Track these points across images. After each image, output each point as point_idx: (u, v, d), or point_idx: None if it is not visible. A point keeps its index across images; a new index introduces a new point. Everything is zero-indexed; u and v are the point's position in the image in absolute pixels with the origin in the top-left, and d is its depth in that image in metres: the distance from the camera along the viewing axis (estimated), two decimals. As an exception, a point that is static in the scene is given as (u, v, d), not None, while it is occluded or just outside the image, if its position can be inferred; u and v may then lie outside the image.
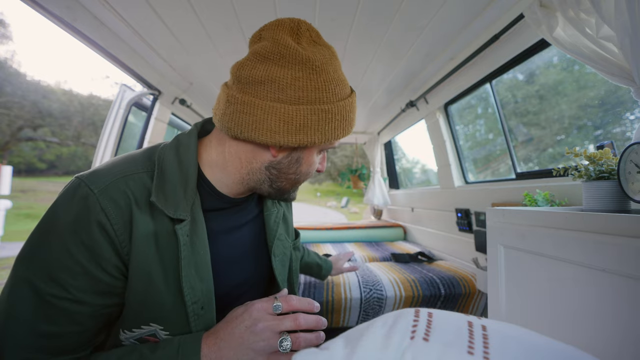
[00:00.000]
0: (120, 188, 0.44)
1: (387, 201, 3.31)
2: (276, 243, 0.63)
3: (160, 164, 0.48)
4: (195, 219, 0.49)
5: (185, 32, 1.40)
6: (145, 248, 0.44)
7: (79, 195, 0.42)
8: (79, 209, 0.41)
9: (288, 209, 0.74)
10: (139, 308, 0.45)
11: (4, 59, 28.77)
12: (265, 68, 0.44)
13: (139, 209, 0.45)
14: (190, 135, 0.53)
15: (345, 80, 0.51)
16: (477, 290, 1.58)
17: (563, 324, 0.72)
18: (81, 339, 0.43)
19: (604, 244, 0.62)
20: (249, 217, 0.61)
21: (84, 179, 0.43)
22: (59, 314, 0.40)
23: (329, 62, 0.47)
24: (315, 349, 0.30)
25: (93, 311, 0.42)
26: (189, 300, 0.46)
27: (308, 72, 0.45)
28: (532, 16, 1.05)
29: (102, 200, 0.42)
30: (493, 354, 0.23)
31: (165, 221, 0.46)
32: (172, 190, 0.47)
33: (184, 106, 2.14)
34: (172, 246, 0.46)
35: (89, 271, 0.41)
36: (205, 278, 0.49)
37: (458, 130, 2.08)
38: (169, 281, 0.45)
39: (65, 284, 0.40)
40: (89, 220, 0.41)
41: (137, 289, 0.44)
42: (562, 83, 1.43)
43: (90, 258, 0.41)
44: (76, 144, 24.24)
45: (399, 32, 1.41)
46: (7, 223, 4.99)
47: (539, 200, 1.11)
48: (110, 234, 0.42)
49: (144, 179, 0.47)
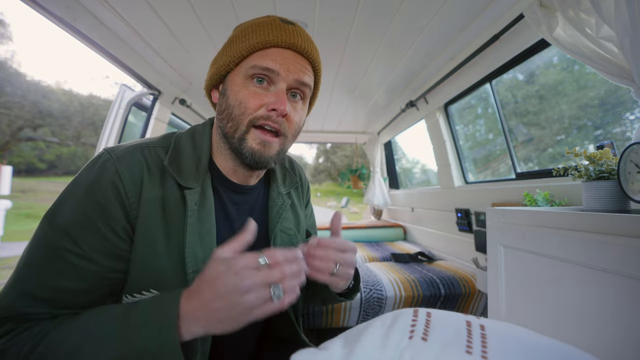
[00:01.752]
0: (136, 155, 0.49)
1: (387, 201, 3.31)
2: (279, 235, 0.62)
3: (176, 143, 0.54)
4: (205, 192, 0.52)
5: (185, 32, 1.40)
6: (151, 212, 0.47)
7: (101, 160, 0.47)
8: (98, 171, 0.46)
9: (302, 205, 0.73)
10: (140, 273, 0.46)
11: (4, 59, 28.81)
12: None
13: (150, 174, 0.49)
14: (205, 125, 0.59)
15: (264, 19, 0.54)
16: (477, 290, 1.58)
17: (563, 324, 0.72)
18: (87, 299, 0.44)
19: (604, 244, 0.62)
20: (255, 206, 0.62)
21: (108, 148, 0.49)
22: (69, 268, 0.42)
23: (249, 20, 0.55)
24: (314, 348, 0.30)
25: (100, 271, 0.44)
26: (189, 268, 0.47)
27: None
28: (532, 16, 1.05)
29: (118, 164, 0.47)
30: (491, 353, 0.22)
31: (174, 188, 0.50)
32: (185, 163, 0.52)
33: (184, 106, 2.14)
34: (180, 213, 0.49)
35: (100, 230, 0.44)
36: (209, 248, 0.50)
37: (458, 130, 2.08)
38: (171, 247, 0.47)
39: (77, 240, 0.43)
40: (105, 181, 0.45)
41: (141, 253, 0.46)
42: (562, 83, 1.43)
43: (102, 217, 0.44)
44: (76, 144, 24.27)
45: (399, 32, 1.41)
46: (7, 223, 5.00)
47: (539, 200, 1.11)
48: (122, 196, 0.45)
49: (159, 151, 0.52)
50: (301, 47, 0.51)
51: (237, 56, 0.51)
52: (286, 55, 0.51)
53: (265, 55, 0.50)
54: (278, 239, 0.62)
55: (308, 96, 0.56)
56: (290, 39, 0.51)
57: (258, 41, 0.50)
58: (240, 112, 0.50)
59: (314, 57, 0.54)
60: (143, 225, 0.46)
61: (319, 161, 38.43)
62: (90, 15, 1.18)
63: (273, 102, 0.49)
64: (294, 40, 0.51)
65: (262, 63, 0.49)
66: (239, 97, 0.50)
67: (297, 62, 0.52)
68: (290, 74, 0.51)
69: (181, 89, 2.03)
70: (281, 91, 0.50)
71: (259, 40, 0.50)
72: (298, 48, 0.51)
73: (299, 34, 0.52)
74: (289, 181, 0.70)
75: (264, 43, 0.50)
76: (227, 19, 1.30)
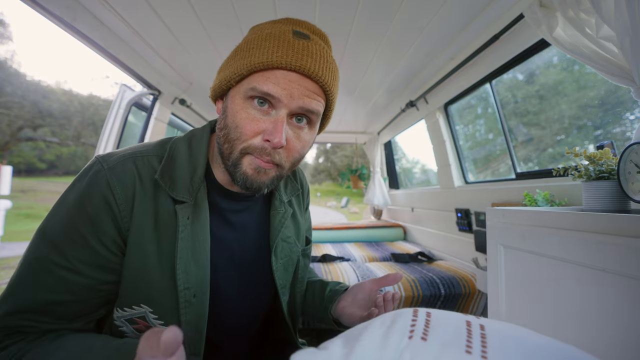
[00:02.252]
0: (128, 166, 0.47)
1: (387, 201, 3.31)
2: (281, 244, 0.61)
3: (171, 151, 0.51)
4: (199, 205, 0.50)
5: (185, 32, 1.40)
6: (144, 225, 0.45)
7: (92, 170, 0.46)
8: (89, 182, 0.44)
9: (302, 212, 0.72)
10: (132, 287, 0.45)
11: (4, 59, 28.79)
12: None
13: (142, 186, 0.47)
14: (204, 129, 0.56)
15: (277, 27, 0.48)
16: (477, 290, 1.58)
17: (563, 324, 0.72)
18: (78, 309, 0.44)
19: (604, 244, 0.62)
20: (255, 215, 0.60)
21: (100, 157, 0.47)
22: (58, 282, 0.42)
23: (265, 23, 0.51)
24: (313, 348, 0.30)
25: (90, 284, 0.43)
26: (181, 285, 0.45)
27: (250, 31, 0.52)
28: (532, 16, 1.05)
29: (109, 175, 0.45)
30: (491, 353, 0.22)
31: (167, 202, 0.48)
32: (179, 174, 0.49)
33: (184, 106, 2.14)
34: (172, 228, 0.47)
35: (89, 243, 0.43)
36: (201, 264, 0.48)
37: (458, 130, 2.08)
38: (163, 263, 0.46)
39: (66, 253, 0.42)
40: (96, 194, 0.43)
41: (132, 267, 0.45)
42: (562, 83, 1.43)
43: (92, 231, 0.43)
44: (76, 144, 24.26)
45: (399, 32, 1.41)
46: (7, 223, 5.00)
47: (539, 200, 1.11)
48: (113, 209, 0.44)
49: (152, 161, 0.49)
50: (309, 70, 0.44)
51: (237, 74, 0.46)
52: (291, 79, 0.44)
53: (267, 78, 0.44)
54: (279, 248, 0.61)
55: (316, 122, 0.50)
56: (297, 61, 0.43)
57: (260, 61, 0.43)
58: (236, 136, 0.45)
59: (325, 81, 0.46)
60: (135, 239, 0.45)
61: (318, 161, 38.47)
62: (90, 15, 1.18)
63: (269, 132, 0.44)
64: (302, 62, 0.44)
65: (262, 87, 0.43)
66: (236, 120, 0.45)
67: (303, 87, 0.45)
68: (293, 100, 0.44)
69: (181, 89, 2.03)
70: (280, 120, 0.44)
71: (261, 60, 0.43)
72: (306, 71, 0.44)
73: (310, 53, 0.45)
74: (291, 188, 0.68)
75: (266, 64, 0.43)
76: (227, 19, 1.30)
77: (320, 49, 0.47)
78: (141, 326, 0.47)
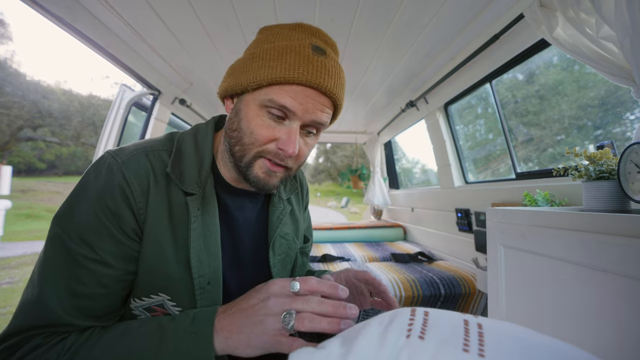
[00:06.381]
0: (141, 160, 0.50)
1: (387, 201, 3.31)
2: (278, 240, 0.62)
3: (179, 145, 0.54)
4: (207, 196, 0.53)
5: (185, 32, 1.40)
6: (158, 217, 0.48)
7: (107, 164, 0.47)
8: (106, 176, 0.46)
9: (301, 210, 0.73)
10: (148, 276, 0.47)
11: (4, 59, 28.81)
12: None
13: (155, 180, 0.49)
14: (208, 125, 0.58)
15: (295, 37, 0.49)
16: (477, 290, 1.58)
17: (563, 324, 0.72)
18: (108, 303, 0.46)
19: (604, 244, 0.61)
20: (255, 211, 0.62)
21: (112, 152, 0.49)
22: (88, 274, 0.43)
23: (283, 26, 0.52)
24: (312, 348, 0.30)
25: (118, 275, 0.45)
26: (195, 273, 0.48)
27: (263, 34, 0.53)
28: (532, 16, 1.05)
29: (124, 169, 0.47)
30: (488, 351, 0.22)
31: (179, 194, 0.50)
32: (187, 167, 0.52)
33: (184, 106, 2.14)
34: (185, 218, 0.50)
35: (113, 234, 0.45)
36: (213, 253, 0.51)
37: (458, 130, 2.08)
38: (179, 252, 0.48)
39: (94, 246, 0.44)
40: (113, 186, 0.46)
41: (148, 257, 0.47)
42: (562, 83, 1.43)
43: (114, 222, 0.45)
44: (76, 144, 24.27)
45: (399, 32, 1.41)
46: (7, 223, 5.00)
47: (539, 200, 1.11)
48: (129, 200, 0.46)
49: (162, 155, 0.52)
50: (326, 87, 0.47)
51: (255, 83, 0.47)
52: (308, 94, 0.47)
53: (285, 91, 0.46)
54: (277, 244, 0.62)
55: (322, 130, 0.54)
56: (316, 79, 0.46)
57: (281, 76, 0.45)
58: (250, 141, 0.48)
59: (337, 97, 0.50)
60: (151, 230, 0.47)
61: (319, 161, 38.50)
62: (90, 15, 1.18)
63: (283, 142, 0.47)
64: (320, 80, 0.46)
65: (280, 100, 0.46)
66: (251, 125, 0.48)
67: (317, 102, 0.48)
68: (307, 114, 0.47)
69: (181, 89, 2.03)
70: (294, 131, 0.48)
71: (282, 75, 0.45)
72: (322, 88, 0.47)
73: (327, 70, 0.47)
74: (290, 186, 0.70)
75: (287, 79, 0.45)
76: (227, 19, 1.30)
77: (335, 65, 0.50)
78: (159, 313, 0.49)
